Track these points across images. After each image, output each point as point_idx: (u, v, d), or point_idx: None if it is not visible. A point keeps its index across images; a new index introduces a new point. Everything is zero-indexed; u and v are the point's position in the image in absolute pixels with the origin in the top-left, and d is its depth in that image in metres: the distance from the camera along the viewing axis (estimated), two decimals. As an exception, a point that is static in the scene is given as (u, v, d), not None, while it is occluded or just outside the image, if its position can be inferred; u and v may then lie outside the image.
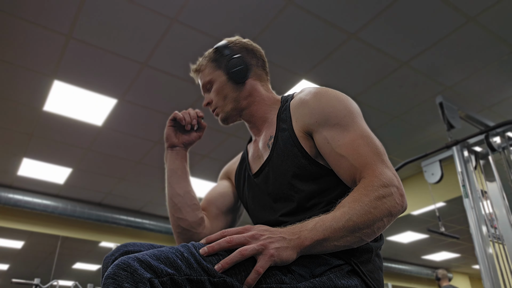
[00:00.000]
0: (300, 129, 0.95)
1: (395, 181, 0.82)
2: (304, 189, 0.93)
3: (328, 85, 1.27)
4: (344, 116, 0.90)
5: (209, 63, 1.09)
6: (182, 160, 1.12)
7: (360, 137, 0.87)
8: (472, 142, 2.67)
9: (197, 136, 1.13)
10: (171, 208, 1.07)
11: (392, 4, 2.70)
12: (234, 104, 1.07)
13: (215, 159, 4.61)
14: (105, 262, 0.85)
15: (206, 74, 1.09)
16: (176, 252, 0.68)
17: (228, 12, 2.74)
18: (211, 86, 1.09)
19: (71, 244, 6.94)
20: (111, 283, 0.62)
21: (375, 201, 0.78)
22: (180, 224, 1.05)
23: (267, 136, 1.04)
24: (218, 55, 1.09)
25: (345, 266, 0.83)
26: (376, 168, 0.82)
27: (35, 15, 2.75)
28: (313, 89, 0.99)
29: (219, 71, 1.08)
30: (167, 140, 1.11)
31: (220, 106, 1.08)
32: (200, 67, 1.12)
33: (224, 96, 1.07)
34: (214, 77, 1.08)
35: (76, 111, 3.80)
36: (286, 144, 0.96)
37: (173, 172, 1.10)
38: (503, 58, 3.22)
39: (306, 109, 0.95)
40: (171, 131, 1.11)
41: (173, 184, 1.08)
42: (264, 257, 0.70)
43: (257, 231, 0.74)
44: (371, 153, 0.85)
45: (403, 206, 0.81)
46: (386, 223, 0.80)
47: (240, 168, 1.14)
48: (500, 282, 2.27)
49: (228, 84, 1.07)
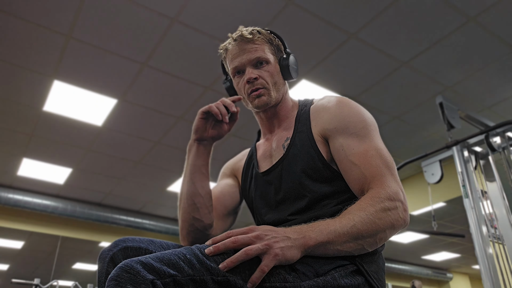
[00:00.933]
0: (318, 133, 0.97)
1: (401, 196, 0.84)
2: (316, 190, 0.94)
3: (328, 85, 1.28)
4: (362, 128, 0.93)
5: (267, 43, 1.04)
6: (207, 156, 1.08)
7: (374, 149, 0.90)
8: (472, 142, 2.67)
9: (227, 129, 1.07)
10: (189, 206, 1.03)
11: (392, 4, 2.70)
12: (279, 94, 1.04)
13: (216, 159, 4.57)
14: (102, 257, 0.84)
15: (266, 51, 1.03)
16: (179, 254, 0.68)
17: (228, 12, 2.74)
18: (264, 65, 1.02)
19: (71, 244, 6.94)
20: (114, 285, 0.62)
21: (381, 212, 0.80)
22: (195, 223, 1.03)
23: (283, 137, 1.04)
24: (275, 42, 1.06)
25: (350, 266, 0.83)
26: (385, 181, 0.85)
27: (35, 15, 2.75)
28: (336, 98, 1.01)
29: (274, 57, 1.05)
30: (196, 133, 1.05)
31: (269, 89, 1.02)
32: (256, 38, 1.03)
33: (275, 82, 1.03)
34: (271, 59, 1.03)
35: (76, 111, 3.80)
36: (303, 146, 0.97)
37: (197, 168, 1.05)
38: (503, 58, 3.22)
39: (327, 115, 0.97)
40: (202, 124, 1.04)
41: (196, 182, 1.04)
42: (268, 256, 0.71)
43: (261, 231, 0.74)
44: (382, 166, 0.87)
45: (405, 221, 0.84)
46: (388, 235, 0.82)
47: (247, 166, 1.13)
48: (500, 282, 2.26)
49: (279, 74, 1.05)
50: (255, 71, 1.01)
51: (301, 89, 3.50)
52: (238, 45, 1.02)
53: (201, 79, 3.36)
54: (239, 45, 1.02)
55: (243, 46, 1.02)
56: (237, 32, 1.04)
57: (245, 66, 1.02)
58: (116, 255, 0.84)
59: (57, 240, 6.60)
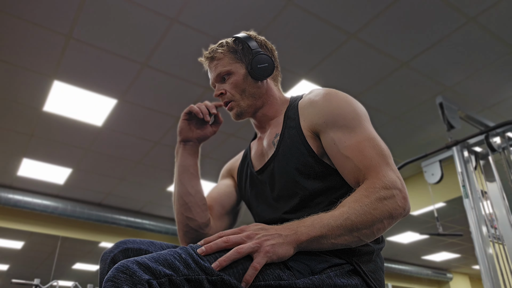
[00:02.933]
0: (307, 128, 0.95)
1: (398, 184, 0.82)
2: (309, 187, 0.92)
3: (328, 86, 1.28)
4: (352, 119, 0.90)
5: (228, 53, 1.04)
6: (195, 156, 1.09)
7: (366, 139, 0.88)
8: (472, 143, 2.67)
9: (212, 131, 1.09)
10: (181, 207, 1.05)
11: (392, 4, 2.70)
12: (251, 100, 1.04)
13: (215, 159, 4.60)
14: (103, 259, 0.86)
15: (225, 64, 1.04)
16: (174, 254, 0.69)
17: (228, 12, 2.74)
18: (228, 77, 1.04)
19: (71, 244, 6.94)
20: (111, 285, 0.63)
21: (376, 202, 0.78)
22: (189, 223, 1.04)
23: (273, 134, 1.03)
24: (239, 47, 1.05)
25: (346, 266, 0.83)
26: (380, 170, 0.83)
27: (35, 15, 2.75)
28: (322, 90, 0.98)
29: (239, 64, 1.04)
30: (180, 134, 1.07)
31: (236, 100, 1.03)
32: (216, 54, 1.05)
33: (242, 90, 1.03)
34: (233, 69, 1.03)
35: (76, 111, 3.80)
36: (293, 142, 0.96)
37: (185, 169, 1.07)
38: (503, 58, 3.22)
39: (315, 109, 0.95)
40: (185, 125, 1.07)
41: (185, 182, 1.06)
42: (260, 254, 0.71)
43: (252, 231, 0.75)
44: (376, 156, 0.85)
45: (405, 209, 0.81)
46: (387, 225, 0.80)
47: (242, 166, 1.13)
48: (500, 283, 2.27)
49: (248, 79, 1.03)
50: (221, 86, 1.05)
51: (301, 89, 3.50)
52: (207, 65, 1.08)
53: (201, 79, 3.36)
54: (208, 65, 1.08)
55: (209, 65, 1.07)
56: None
57: (214, 84, 1.08)
58: (117, 256, 0.85)
59: (57, 240, 6.60)
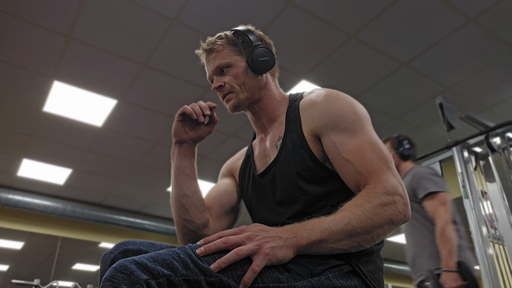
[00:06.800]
0: (309, 132, 0.94)
1: (400, 190, 0.81)
2: (311, 192, 0.92)
3: (328, 86, 1.27)
4: (353, 121, 0.89)
5: (228, 46, 1.04)
6: (191, 157, 1.08)
7: (367, 143, 0.86)
8: (472, 143, 2.67)
9: (207, 131, 1.08)
10: (178, 208, 1.04)
11: (392, 5, 2.70)
12: (249, 93, 1.03)
13: (215, 159, 4.60)
14: (104, 260, 0.85)
15: (224, 56, 1.03)
16: (173, 254, 0.68)
17: (228, 12, 2.74)
18: (227, 69, 1.03)
19: (71, 244, 6.94)
20: (109, 285, 0.62)
21: (377, 208, 0.77)
22: (187, 225, 1.03)
23: (275, 136, 1.03)
24: (239, 40, 1.05)
25: (345, 267, 0.82)
26: (382, 175, 0.82)
27: (35, 16, 2.75)
28: (323, 91, 0.97)
29: (239, 57, 1.03)
30: (175, 136, 1.06)
31: (236, 92, 1.02)
32: (215, 47, 1.05)
33: (242, 83, 1.02)
34: (233, 61, 1.03)
35: (76, 111, 3.80)
36: (294, 146, 0.95)
37: (181, 170, 1.06)
38: (503, 58, 3.22)
39: (316, 112, 0.94)
40: (179, 126, 1.05)
41: (181, 183, 1.05)
42: (259, 256, 0.71)
43: (252, 232, 0.74)
44: (377, 160, 0.84)
45: (405, 216, 0.80)
46: (387, 231, 0.80)
47: (245, 166, 1.12)
48: (500, 283, 2.26)
49: (248, 72, 1.02)
50: (220, 79, 1.04)
51: (301, 89, 3.50)
52: (205, 57, 1.08)
53: (201, 79, 3.36)
54: (205, 57, 1.07)
55: (207, 57, 1.07)
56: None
57: (212, 77, 1.06)
58: (117, 257, 0.84)
59: (57, 240, 6.61)
